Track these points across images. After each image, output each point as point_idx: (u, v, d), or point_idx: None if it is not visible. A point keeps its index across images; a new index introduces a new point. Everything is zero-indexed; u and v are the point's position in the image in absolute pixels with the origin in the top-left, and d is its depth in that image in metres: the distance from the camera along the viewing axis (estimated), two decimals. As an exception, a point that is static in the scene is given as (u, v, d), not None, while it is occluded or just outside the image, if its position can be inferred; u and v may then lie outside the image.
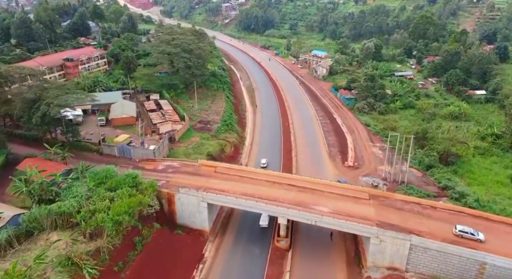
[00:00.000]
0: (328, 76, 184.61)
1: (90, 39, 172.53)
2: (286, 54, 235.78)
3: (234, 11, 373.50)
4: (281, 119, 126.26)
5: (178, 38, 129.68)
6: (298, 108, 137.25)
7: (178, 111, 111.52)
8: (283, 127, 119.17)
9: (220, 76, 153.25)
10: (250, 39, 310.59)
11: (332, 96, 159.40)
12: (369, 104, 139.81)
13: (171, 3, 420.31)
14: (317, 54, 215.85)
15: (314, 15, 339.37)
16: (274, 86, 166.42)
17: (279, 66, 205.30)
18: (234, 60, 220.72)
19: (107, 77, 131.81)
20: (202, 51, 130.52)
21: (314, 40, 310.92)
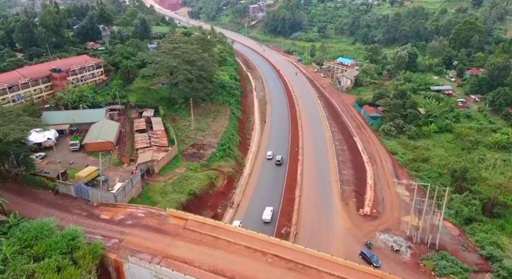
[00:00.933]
0: (352, 88, 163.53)
1: (99, 44, 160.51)
2: (309, 61, 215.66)
3: (262, 13, 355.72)
4: (290, 142, 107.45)
5: (180, 48, 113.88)
6: (312, 129, 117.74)
7: (169, 133, 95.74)
8: (290, 154, 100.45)
9: (229, 88, 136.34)
10: (275, 42, 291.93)
11: (355, 113, 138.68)
12: (398, 126, 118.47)
13: (199, 4, 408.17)
14: (343, 62, 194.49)
15: (345, 17, 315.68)
16: (289, 99, 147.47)
17: (298, 75, 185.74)
18: (252, 67, 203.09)
19: (102, 89, 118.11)
20: (206, 63, 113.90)
21: (344, 44, 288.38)
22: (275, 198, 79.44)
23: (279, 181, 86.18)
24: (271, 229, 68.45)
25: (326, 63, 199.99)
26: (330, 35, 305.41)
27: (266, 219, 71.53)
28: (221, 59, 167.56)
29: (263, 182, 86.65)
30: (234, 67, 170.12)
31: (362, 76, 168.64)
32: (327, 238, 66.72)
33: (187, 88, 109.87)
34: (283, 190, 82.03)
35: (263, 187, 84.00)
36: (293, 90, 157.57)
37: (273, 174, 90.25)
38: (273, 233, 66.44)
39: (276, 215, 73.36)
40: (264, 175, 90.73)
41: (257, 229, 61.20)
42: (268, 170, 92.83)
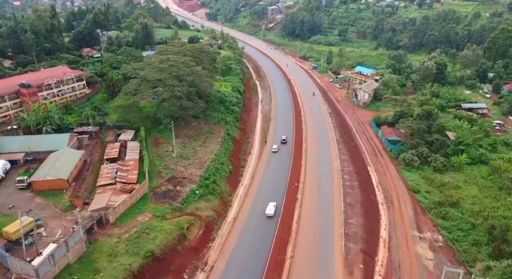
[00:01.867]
0: (371, 103, 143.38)
1: (95, 51, 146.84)
2: (325, 69, 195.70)
3: (280, 15, 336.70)
4: (290, 175, 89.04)
5: (168, 61, 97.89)
6: (318, 157, 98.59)
7: (144, 163, 79.86)
8: (288, 190, 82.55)
9: (228, 103, 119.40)
10: (292, 46, 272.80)
11: (371, 134, 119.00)
12: (421, 155, 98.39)
13: (218, 5, 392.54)
14: (362, 71, 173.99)
15: (368, 20, 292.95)
16: (296, 115, 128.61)
17: (311, 86, 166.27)
18: (262, 75, 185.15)
19: (81, 105, 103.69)
20: (197, 77, 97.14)
21: (365, 49, 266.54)
22: (259, 259, 61.81)
23: (268, 235, 68.13)
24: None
25: (343, 72, 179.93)
26: (352, 39, 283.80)
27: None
28: (226, 68, 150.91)
29: (249, 233, 69.04)
30: (239, 77, 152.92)
31: (382, 90, 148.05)
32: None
33: (174, 106, 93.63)
34: (270, 249, 64.08)
35: (247, 242, 66.47)
36: (302, 105, 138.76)
37: (263, 224, 72.11)
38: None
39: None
40: (253, 217, 73.34)
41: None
42: (258, 211, 75.29)
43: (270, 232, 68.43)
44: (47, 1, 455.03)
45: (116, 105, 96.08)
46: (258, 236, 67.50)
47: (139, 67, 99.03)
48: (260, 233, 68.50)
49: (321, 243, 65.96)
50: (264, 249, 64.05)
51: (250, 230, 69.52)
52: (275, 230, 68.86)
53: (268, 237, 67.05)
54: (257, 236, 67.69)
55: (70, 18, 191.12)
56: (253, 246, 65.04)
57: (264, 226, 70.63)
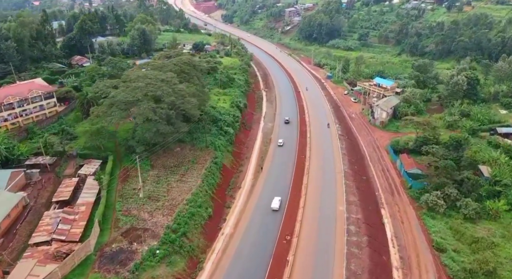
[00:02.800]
0: (389, 123, 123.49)
1: (86, 59, 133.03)
2: (340, 79, 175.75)
3: (298, 17, 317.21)
4: (283, 222, 71.71)
5: (145, 78, 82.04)
6: (320, 195, 79.72)
7: (98, 209, 64.12)
8: (277, 244, 65.16)
9: (222, 122, 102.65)
10: (307, 51, 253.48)
11: (388, 162, 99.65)
12: (448, 197, 78.85)
13: (234, 7, 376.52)
14: (380, 83, 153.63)
15: (391, 24, 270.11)
16: (301, 137, 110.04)
17: (322, 100, 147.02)
18: (271, 85, 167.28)
19: (49, 126, 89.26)
20: (179, 98, 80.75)
21: (387, 55, 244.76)
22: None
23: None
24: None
25: (359, 84, 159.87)
26: (373, 44, 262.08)
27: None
28: (227, 80, 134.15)
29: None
30: (241, 90, 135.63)
31: (403, 107, 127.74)
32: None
33: (149, 132, 77.75)
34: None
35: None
36: (309, 123, 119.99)
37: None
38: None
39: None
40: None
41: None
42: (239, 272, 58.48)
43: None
44: (66, 1, 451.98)
45: (81, 131, 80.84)
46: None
47: (113, 84, 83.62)
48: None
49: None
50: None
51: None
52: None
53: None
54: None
55: (71, 22, 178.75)
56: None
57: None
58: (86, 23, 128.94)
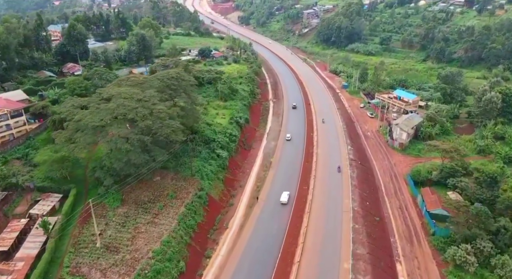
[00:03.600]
0: (410, 145, 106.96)
1: (79, 67, 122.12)
2: (356, 90, 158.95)
3: (316, 19, 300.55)
4: None
5: (119, 97, 69.42)
6: (321, 247, 64.56)
7: (37, 266, 51.82)
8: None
9: (215, 144, 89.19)
10: (324, 56, 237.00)
11: (407, 197, 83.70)
12: (481, 252, 62.74)
13: (252, 8, 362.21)
14: (402, 96, 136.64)
15: (416, 27, 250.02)
16: (306, 159, 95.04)
17: (335, 113, 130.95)
18: (280, 95, 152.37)
19: (14, 150, 77.98)
20: (157, 121, 67.64)
21: (411, 61, 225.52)
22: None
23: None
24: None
25: (377, 96, 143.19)
26: (395, 49, 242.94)
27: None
28: (229, 92, 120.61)
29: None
30: (244, 103, 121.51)
31: (426, 127, 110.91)
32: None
33: (118, 162, 65.19)
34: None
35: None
36: (317, 144, 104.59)
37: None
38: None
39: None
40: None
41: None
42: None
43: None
44: (85, 1, 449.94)
45: (41, 159, 68.72)
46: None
47: (82, 104, 71.45)
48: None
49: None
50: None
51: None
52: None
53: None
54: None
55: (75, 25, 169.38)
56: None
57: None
58: (74, 29, 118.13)
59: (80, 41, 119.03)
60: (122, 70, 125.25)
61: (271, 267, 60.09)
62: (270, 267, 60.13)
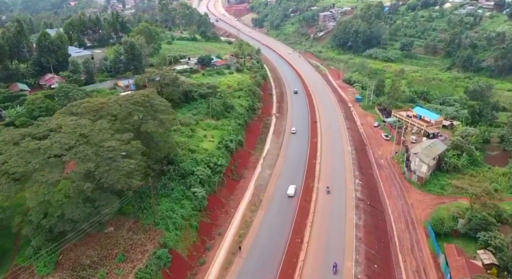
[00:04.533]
0: (431, 179, 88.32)
1: (58, 78, 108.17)
2: (370, 104, 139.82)
3: (333, 22, 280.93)
4: None
5: (60, 129, 54.55)
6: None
7: None
8: None
9: (194, 179, 73.23)
10: (339, 62, 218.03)
11: (426, 254, 65.81)
12: None
13: (266, 10, 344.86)
14: (422, 115, 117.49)
15: (441, 32, 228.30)
16: (303, 197, 78.37)
17: (344, 134, 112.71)
18: (284, 109, 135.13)
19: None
20: (103, 163, 52.13)
21: (435, 69, 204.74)
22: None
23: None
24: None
25: (394, 114, 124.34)
26: (417, 55, 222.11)
27: None
28: (222, 109, 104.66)
29: None
30: (239, 122, 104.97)
31: (451, 156, 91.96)
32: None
33: (50, 218, 50.34)
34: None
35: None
36: (319, 176, 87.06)
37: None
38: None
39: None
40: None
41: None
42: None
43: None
44: (100, 2, 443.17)
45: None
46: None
47: (15, 139, 56.78)
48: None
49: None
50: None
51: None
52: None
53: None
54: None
55: (69, 31, 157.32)
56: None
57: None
58: (46, 38, 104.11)
59: (53, 52, 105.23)
60: (106, 83, 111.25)
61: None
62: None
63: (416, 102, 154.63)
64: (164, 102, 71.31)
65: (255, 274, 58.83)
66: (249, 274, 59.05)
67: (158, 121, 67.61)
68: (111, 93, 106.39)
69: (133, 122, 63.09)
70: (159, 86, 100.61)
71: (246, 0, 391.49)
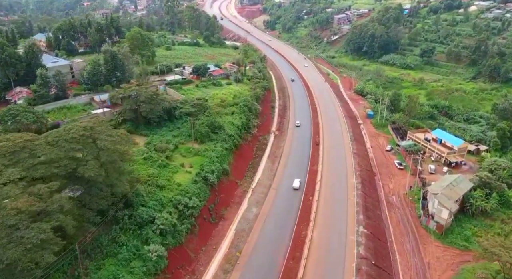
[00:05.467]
0: (453, 227, 70.55)
1: (27, 91, 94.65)
2: (383, 122, 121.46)
3: (348, 25, 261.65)
4: None
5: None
6: None
7: None
8: None
9: (154, 227, 58.01)
10: (352, 69, 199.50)
11: None
12: None
13: (279, 12, 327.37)
14: (443, 139, 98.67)
15: (466, 37, 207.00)
16: (291, 252, 62.24)
17: (350, 161, 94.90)
18: (285, 126, 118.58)
19: None
20: (5, 233, 37.78)
21: (458, 78, 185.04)
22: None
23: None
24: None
25: (409, 136, 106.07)
26: (439, 62, 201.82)
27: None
28: (206, 131, 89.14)
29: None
30: (227, 145, 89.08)
31: (477, 197, 73.71)
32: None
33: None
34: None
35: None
36: (314, 221, 70.55)
37: None
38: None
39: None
40: None
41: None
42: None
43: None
44: (114, 2, 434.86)
45: None
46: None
47: None
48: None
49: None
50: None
51: None
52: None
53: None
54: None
55: (57, 35, 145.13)
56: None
57: None
58: (5, 49, 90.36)
59: (11, 65, 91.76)
60: (81, 97, 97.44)
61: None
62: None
63: (436, 118, 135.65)
64: (117, 132, 56.31)
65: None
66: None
67: (107, 158, 52.73)
68: (83, 110, 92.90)
69: (66, 165, 48.27)
70: (135, 104, 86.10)
71: (259, 1, 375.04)
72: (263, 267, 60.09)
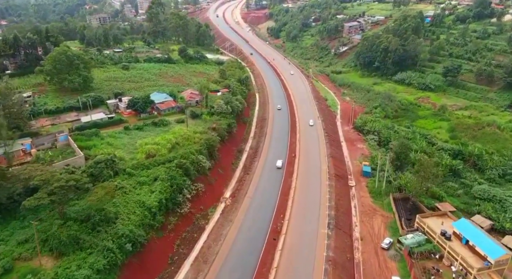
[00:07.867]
0: None
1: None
2: (385, 188, 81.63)
3: (360, 35, 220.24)
4: None
5: None
6: None
7: None
8: None
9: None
10: (359, 92, 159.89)
11: None
12: None
13: (286, 18, 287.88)
14: (472, 243, 58.87)
15: (499, 53, 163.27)
16: None
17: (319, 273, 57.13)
18: (243, 194, 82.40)
19: None
20: None
21: (489, 107, 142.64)
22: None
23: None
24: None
25: (418, 223, 66.60)
26: (466, 84, 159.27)
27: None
28: (69, 238, 53.47)
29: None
30: (103, 263, 52.46)
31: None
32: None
33: None
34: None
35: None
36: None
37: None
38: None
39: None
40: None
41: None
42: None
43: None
44: (116, 6, 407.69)
45: None
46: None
47: None
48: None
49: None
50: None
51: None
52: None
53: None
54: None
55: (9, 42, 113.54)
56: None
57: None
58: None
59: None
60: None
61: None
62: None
63: (461, 176, 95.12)
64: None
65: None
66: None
67: None
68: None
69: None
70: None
71: (266, 6, 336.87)
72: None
